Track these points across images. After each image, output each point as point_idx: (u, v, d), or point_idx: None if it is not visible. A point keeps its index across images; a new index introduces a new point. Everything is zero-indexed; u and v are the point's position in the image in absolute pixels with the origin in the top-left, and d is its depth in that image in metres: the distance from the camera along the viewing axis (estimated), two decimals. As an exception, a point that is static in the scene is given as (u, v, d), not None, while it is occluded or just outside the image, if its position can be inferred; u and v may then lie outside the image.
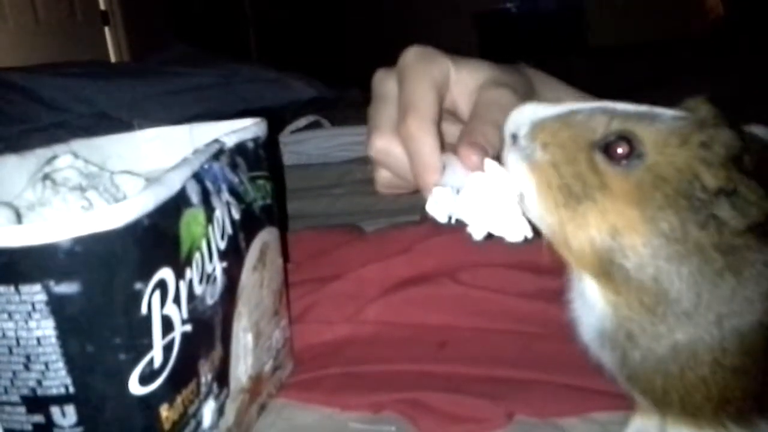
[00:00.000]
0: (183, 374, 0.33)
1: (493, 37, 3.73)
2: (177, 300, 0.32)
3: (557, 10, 3.78)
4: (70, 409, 0.29)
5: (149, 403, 0.30)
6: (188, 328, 0.33)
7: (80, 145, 0.45)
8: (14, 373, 0.29)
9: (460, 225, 0.37)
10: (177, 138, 0.48)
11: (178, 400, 0.32)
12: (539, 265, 0.41)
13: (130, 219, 0.28)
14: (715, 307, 0.30)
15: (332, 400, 0.43)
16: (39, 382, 0.29)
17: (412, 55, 0.45)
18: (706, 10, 3.23)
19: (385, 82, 0.46)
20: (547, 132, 0.33)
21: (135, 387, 0.30)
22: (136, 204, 0.29)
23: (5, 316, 0.28)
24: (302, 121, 1.10)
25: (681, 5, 3.23)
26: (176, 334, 0.32)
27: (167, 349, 0.31)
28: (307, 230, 0.67)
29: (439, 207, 0.38)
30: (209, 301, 0.35)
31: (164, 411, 0.31)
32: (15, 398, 0.30)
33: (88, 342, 0.29)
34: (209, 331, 0.35)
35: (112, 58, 2.89)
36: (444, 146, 0.42)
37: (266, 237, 0.42)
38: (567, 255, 0.33)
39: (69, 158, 0.41)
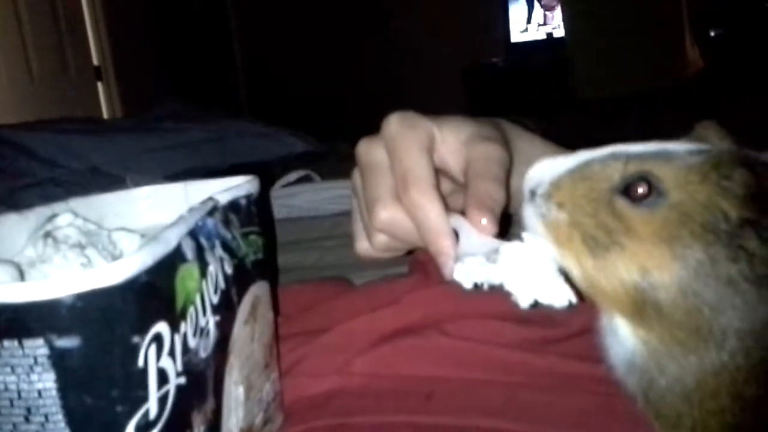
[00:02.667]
0: (177, 426, 0.34)
1: (481, 91, 3.80)
2: (172, 353, 0.33)
3: (544, 65, 3.87)
4: None
5: None
6: (182, 380, 0.34)
7: (78, 202, 0.46)
8: (14, 425, 0.30)
9: (489, 292, 0.38)
10: (172, 195, 0.50)
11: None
12: (522, 315, 0.42)
13: (128, 275, 0.30)
14: (746, 339, 0.30)
15: None
16: (39, 435, 0.30)
17: (395, 122, 0.47)
18: (687, 63, 3.32)
19: (372, 152, 0.48)
20: (564, 190, 0.35)
21: (131, 438, 0.31)
22: (135, 261, 0.30)
23: (8, 369, 0.29)
24: (293, 176, 1.12)
25: (662, 58, 3.31)
26: (171, 387, 0.33)
27: (162, 401, 0.32)
28: (297, 283, 0.68)
29: (468, 275, 0.39)
30: (203, 354, 0.36)
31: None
32: None
33: (87, 394, 0.30)
34: (202, 383, 0.36)
35: (105, 113, 2.92)
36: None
37: (257, 291, 0.44)
38: (600, 300, 0.34)
39: (69, 217, 0.42)
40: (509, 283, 0.37)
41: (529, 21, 4.28)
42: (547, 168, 0.36)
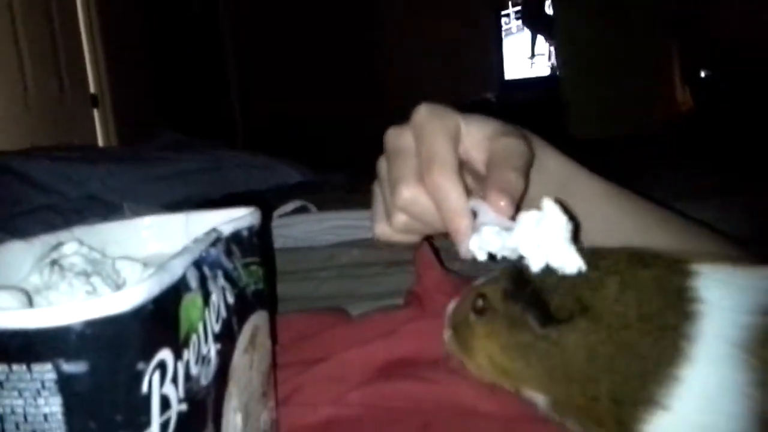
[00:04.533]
0: None
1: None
2: (175, 380, 0.33)
3: (537, 102, 3.91)
4: None
5: None
6: (184, 407, 0.34)
7: (82, 231, 0.47)
8: None
9: (503, 262, 0.44)
10: (173, 225, 0.51)
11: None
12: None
13: (136, 303, 0.30)
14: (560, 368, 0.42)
15: None
16: (44, 459, 0.30)
17: (424, 111, 0.50)
18: (677, 104, 3.36)
19: (400, 138, 0.50)
20: (452, 313, 0.49)
21: (135, 463, 0.31)
22: (142, 289, 0.31)
23: (15, 393, 0.30)
24: (289, 206, 1.13)
25: (652, 99, 3.35)
26: (173, 413, 0.33)
27: (164, 426, 0.33)
28: (293, 313, 0.68)
29: (483, 245, 0.43)
30: (204, 382, 0.36)
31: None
32: None
33: (92, 419, 0.30)
34: (203, 410, 0.37)
35: (100, 140, 2.93)
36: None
37: (257, 320, 0.44)
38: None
39: (75, 245, 0.43)
40: (523, 248, 0.41)
41: (532, 56, 4.34)
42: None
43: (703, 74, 3.56)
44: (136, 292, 0.31)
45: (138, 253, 0.49)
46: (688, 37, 3.48)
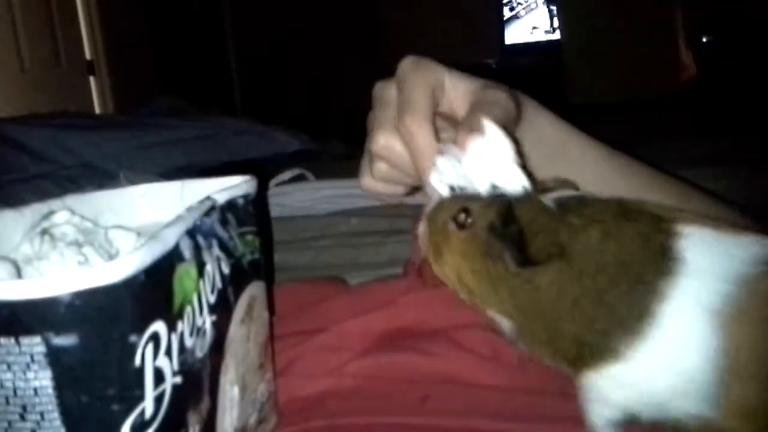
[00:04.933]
0: (172, 425, 0.34)
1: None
2: (169, 352, 0.33)
3: (537, 67, 3.88)
4: None
5: None
6: (178, 380, 0.34)
7: (74, 200, 0.46)
8: (9, 423, 0.30)
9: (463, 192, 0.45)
10: (168, 194, 0.50)
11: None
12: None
13: (127, 274, 0.30)
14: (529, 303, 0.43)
15: None
16: (34, 432, 0.30)
17: (408, 63, 0.51)
18: (680, 70, 3.33)
19: (384, 90, 0.51)
20: (433, 210, 0.46)
21: (126, 437, 0.31)
22: (134, 260, 0.30)
23: (4, 366, 0.29)
24: (287, 174, 1.12)
25: (656, 64, 3.32)
26: (167, 386, 0.33)
27: (158, 400, 0.32)
28: (291, 283, 0.68)
29: (442, 178, 0.45)
30: (199, 354, 0.36)
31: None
32: None
33: (83, 393, 0.30)
34: (198, 383, 0.36)
35: (97, 108, 2.91)
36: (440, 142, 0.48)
37: (254, 291, 0.44)
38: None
39: (66, 214, 0.42)
40: (471, 172, 0.43)
41: (551, 28, 4.29)
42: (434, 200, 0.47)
43: (705, 39, 3.52)
44: (127, 262, 0.30)
45: (132, 222, 0.48)
46: (689, 2, 3.44)
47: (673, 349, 0.38)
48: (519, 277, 0.42)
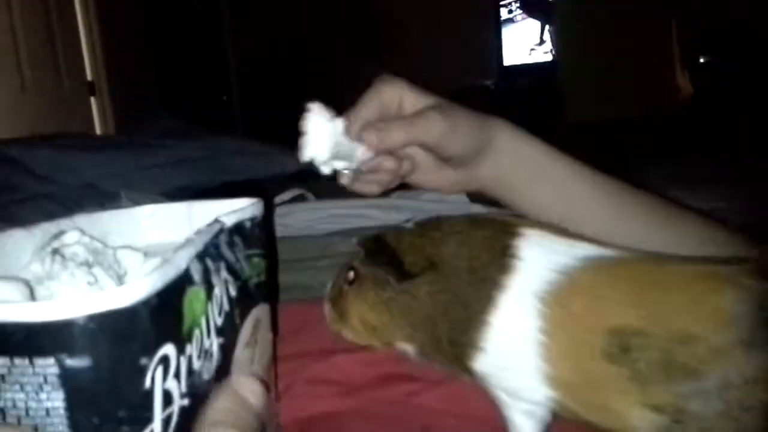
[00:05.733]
0: None
1: (472, 112, 3.82)
2: (177, 375, 0.33)
3: (534, 88, 3.90)
4: None
5: None
6: (186, 402, 0.34)
7: (82, 219, 0.46)
8: None
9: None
10: (175, 215, 0.50)
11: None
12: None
13: (140, 297, 0.30)
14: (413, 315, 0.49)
15: None
16: (45, 453, 0.30)
17: (377, 80, 0.62)
18: (675, 90, 3.36)
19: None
20: (332, 282, 0.56)
21: (135, 459, 0.31)
22: (147, 283, 0.31)
23: (17, 387, 0.29)
24: (287, 195, 1.13)
25: (651, 85, 3.34)
26: (175, 408, 0.33)
27: (166, 422, 0.33)
28: (291, 303, 0.68)
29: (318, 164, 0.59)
30: (206, 376, 0.36)
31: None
32: None
33: (94, 414, 0.30)
34: (205, 404, 0.37)
35: (98, 128, 2.92)
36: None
37: (259, 313, 0.44)
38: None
39: (76, 234, 0.43)
40: (309, 150, 0.56)
41: (541, 42, 4.32)
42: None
43: (702, 60, 3.55)
44: (140, 286, 0.30)
45: (139, 243, 0.48)
46: (686, 22, 3.47)
47: (510, 333, 0.44)
48: (404, 293, 0.48)
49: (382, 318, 0.50)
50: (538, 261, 0.44)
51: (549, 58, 4.28)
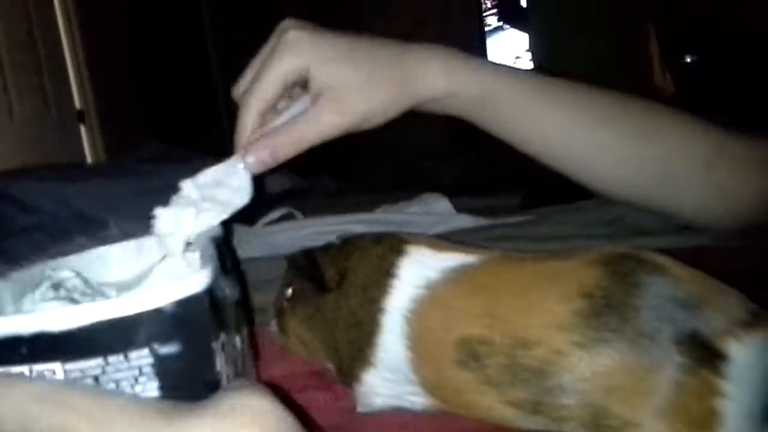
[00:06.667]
0: None
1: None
2: (227, 361, 0.36)
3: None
4: None
5: None
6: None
7: (56, 263, 0.47)
8: None
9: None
10: (124, 252, 0.52)
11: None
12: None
13: (207, 284, 0.33)
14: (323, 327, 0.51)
15: None
16: (139, 446, 0.31)
17: (289, 37, 0.60)
18: (657, 89, 3.37)
19: (268, 44, 0.62)
20: (274, 303, 0.57)
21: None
22: (209, 272, 0.34)
23: (112, 385, 0.31)
24: (275, 214, 1.14)
25: (629, 86, 3.36)
26: None
27: None
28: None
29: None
30: (239, 367, 0.39)
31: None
32: None
33: (184, 399, 0.31)
34: None
35: (88, 156, 2.92)
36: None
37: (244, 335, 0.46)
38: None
39: (69, 272, 0.44)
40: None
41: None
42: None
43: (688, 60, 3.56)
44: (205, 273, 0.34)
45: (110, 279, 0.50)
46: (666, 22, 3.48)
47: (390, 351, 0.47)
48: (319, 311, 0.51)
49: (308, 335, 0.53)
50: (410, 279, 0.47)
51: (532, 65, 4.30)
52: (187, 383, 0.32)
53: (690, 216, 0.73)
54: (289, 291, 0.54)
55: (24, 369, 0.31)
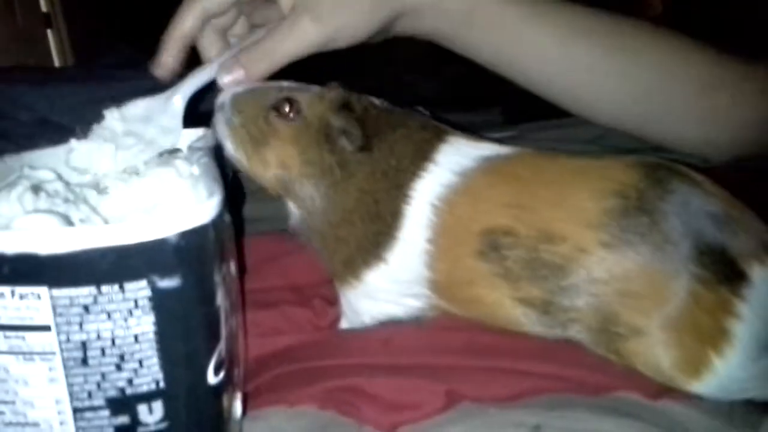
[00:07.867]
0: (231, 364, 0.35)
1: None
2: (226, 294, 0.34)
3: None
4: (158, 405, 0.30)
5: (219, 391, 0.33)
6: (233, 322, 0.35)
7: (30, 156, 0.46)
8: (103, 375, 0.30)
9: None
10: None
11: (230, 388, 0.34)
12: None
13: (214, 215, 0.31)
14: (335, 200, 0.47)
15: (281, 397, 0.44)
16: (130, 381, 0.30)
17: None
18: (645, 6, 3.31)
19: None
20: (240, 103, 0.50)
21: (211, 377, 0.32)
22: (215, 203, 0.32)
23: (104, 316, 0.29)
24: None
25: (619, 1, 3.30)
26: (228, 326, 0.34)
27: (227, 339, 0.34)
28: (257, 236, 0.67)
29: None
30: (234, 298, 0.37)
31: (226, 399, 0.32)
32: (99, 402, 0.31)
33: (180, 336, 0.30)
34: (235, 328, 0.37)
35: (56, 61, 2.84)
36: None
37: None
38: (259, 182, 0.51)
39: (50, 173, 0.41)
40: None
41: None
42: (232, 90, 0.52)
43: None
44: (212, 204, 0.31)
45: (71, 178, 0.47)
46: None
47: (408, 246, 0.46)
48: (345, 168, 0.47)
49: (308, 171, 0.48)
50: (447, 164, 0.46)
51: None
52: (185, 320, 0.30)
53: (689, 145, 0.68)
54: (286, 107, 0.49)
55: (5, 290, 0.28)
